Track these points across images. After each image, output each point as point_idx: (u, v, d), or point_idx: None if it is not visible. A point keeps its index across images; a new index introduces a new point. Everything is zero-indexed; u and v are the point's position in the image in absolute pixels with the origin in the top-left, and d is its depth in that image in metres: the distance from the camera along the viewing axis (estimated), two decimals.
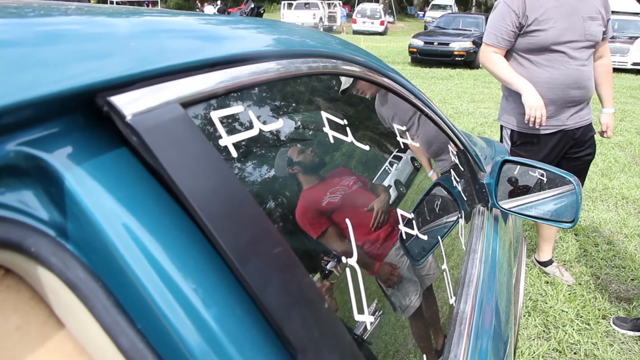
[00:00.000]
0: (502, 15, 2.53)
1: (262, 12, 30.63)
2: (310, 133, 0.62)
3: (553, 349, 2.51)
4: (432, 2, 31.49)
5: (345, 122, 0.68)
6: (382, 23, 28.07)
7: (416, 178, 1.06)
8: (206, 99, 0.46)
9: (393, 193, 0.87)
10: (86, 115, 0.39)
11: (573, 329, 2.63)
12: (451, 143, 1.26)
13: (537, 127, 2.49)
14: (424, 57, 13.94)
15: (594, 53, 2.63)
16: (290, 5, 29.65)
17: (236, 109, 0.49)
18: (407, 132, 0.96)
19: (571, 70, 2.50)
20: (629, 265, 3.27)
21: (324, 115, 0.64)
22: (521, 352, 2.48)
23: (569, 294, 2.95)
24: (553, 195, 1.31)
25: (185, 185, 0.39)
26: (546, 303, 2.88)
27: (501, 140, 2.87)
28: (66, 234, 0.36)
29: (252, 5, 29.46)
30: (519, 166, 1.34)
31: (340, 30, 29.82)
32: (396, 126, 0.94)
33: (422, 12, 35.96)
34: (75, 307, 0.36)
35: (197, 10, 30.81)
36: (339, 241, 0.60)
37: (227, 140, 0.45)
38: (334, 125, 0.65)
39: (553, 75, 2.52)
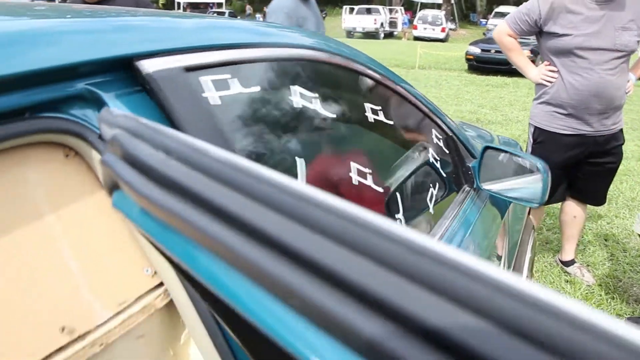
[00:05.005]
0: (528, 9, 2.71)
1: (324, 15, 31.16)
2: (280, 99, 0.88)
3: None
4: (495, 10, 31.06)
5: (316, 94, 0.94)
6: (443, 30, 27.97)
7: (402, 158, 1.30)
8: (201, 68, 0.73)
9: (380, 167, 1.11)
10: (126, 71, 0.66)
11: None
12: (438, 130, 1.48)
13: (553, 80, 2.72)
14: (480, 65, 13.90)
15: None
16: (352, 9, 29.94)
17: (221, 75, 0.75)
18: (389, 117, 1.20)
19: (594, 78, 2.59)
20: None
21: (296, 89, 0.90)
22: None
23: (587, 293, 3.06)
24: (527, 179, 1.51)
25: (178, 117, 0.66)
26: None
27: None
28: None
29: None
30: (501, 152, 1.54)
31: (401, 36, 29.89)
32: (377, 110, 1.18)
33: (485, 20, 35.46)
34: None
35: (248, 12, 31.54)
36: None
37: (210, 94, 0.72)
38: (304, 97, 0.91)
39: (576, 81, 2.63)
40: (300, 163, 0.84)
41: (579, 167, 2.92)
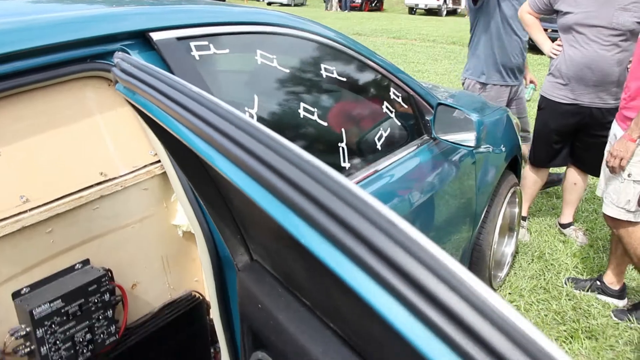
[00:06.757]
0: None
1: None
2: (245, 58, 1.34)
3: (540, 287, 2.99)
4: None
5: (274, 56, 1.39)
6: None
7: (356, 110, 1.73)
8: (189, 38, 1.20)
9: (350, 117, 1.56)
10: (144, 38, 1.14)
11: (564, 276, 3.09)
12: (398, 88, 1.89)
13: (558, 53, 3.08)
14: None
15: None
16: None
17: (203, 41, 1.22)
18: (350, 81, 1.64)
19: (589, 52, 2.91)
20: None
21: (259, 51, 1.36)
22: (510, 284, 3.00)
23: (577, 251, 3.38)
24: (467, 129, 1.90)
25: (173, 66, 1.13)
26: (552, 256, 3.33)
27: None
28: None
29: None
30: (451, 108, 1.94)
31: (465, 14, 29.34)
32: (336, 73, 1.62)
33: None
34: None
35: None
36: None
37: (194, 53, 1.19)
38: (264, 57, 1.37)
39: (572, 53, 2.98)
40: (254, 99, 1.31)
41: (578, 137, 3.22)
